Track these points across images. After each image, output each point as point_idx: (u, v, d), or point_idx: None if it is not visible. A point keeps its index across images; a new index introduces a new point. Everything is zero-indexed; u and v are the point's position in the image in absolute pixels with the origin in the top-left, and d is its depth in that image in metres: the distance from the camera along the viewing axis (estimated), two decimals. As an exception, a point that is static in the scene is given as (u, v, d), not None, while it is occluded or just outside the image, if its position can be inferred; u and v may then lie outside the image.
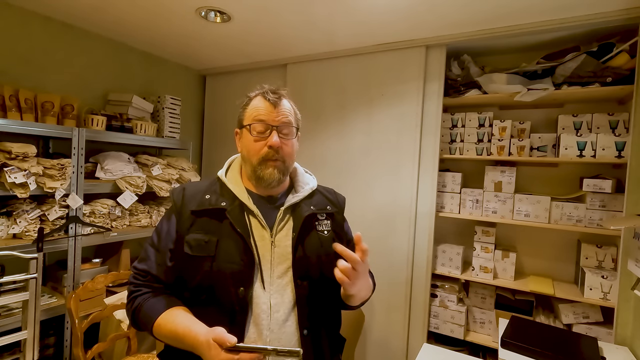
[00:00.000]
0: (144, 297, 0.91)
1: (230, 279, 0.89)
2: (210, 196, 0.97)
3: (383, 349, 2.26)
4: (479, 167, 2.25)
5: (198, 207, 0.95)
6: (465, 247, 2.23)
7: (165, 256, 0.94)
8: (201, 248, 0.91)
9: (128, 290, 0.95)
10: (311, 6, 1.78)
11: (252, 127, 0.96)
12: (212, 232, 0.92)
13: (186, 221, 0.94)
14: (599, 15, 1.70)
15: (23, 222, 1.74)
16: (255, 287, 0.90)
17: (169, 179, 2.34)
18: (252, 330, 0.89)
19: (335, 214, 1.08)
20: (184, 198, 0.98)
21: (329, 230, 1.03)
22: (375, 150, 2.29)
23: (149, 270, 0.93)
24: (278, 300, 0.91)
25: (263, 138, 0.96)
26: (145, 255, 0.96)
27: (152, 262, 0.94)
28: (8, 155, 1.65)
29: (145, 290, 0.92)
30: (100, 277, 1.74)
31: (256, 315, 0.89)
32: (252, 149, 0.96)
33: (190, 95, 3.05)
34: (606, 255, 1.87)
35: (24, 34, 2.01)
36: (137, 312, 0.91)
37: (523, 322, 1.68)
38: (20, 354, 1.57)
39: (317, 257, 0.97)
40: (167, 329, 0.85)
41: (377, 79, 2.29)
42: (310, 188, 1.06)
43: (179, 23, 2.08)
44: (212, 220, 0.94)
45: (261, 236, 0.95)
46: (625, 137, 1.78)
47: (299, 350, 0.73)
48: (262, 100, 0.98)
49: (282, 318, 0.91)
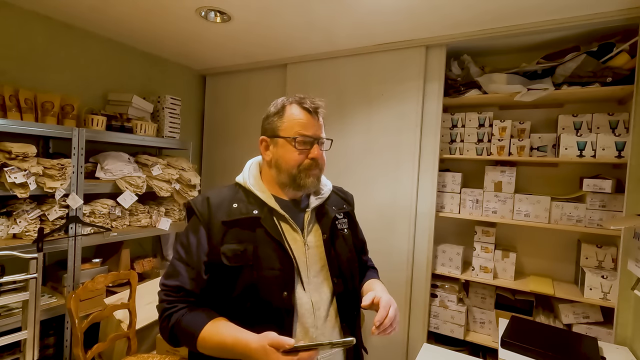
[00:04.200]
0: (180, 312, 0.89)
1: (274, 285, 0.91)
2: (238, 205, 0.97)
3: (383, 349, 2.26)
4: (479, 167, 2.25)
5: (229, 217, 0.94)
6: (465, 247, 2.23)
7: (200, 269, 0.92)
8: (239, 258, 0.91)
9: (160, 308, 0.92)
10: (311, 6, 1.78)
11: (297, 140, 0.97)
12: (246, 241, 0.93)
13: (218, 232, 0.93)
14: (599, 15, 1.70)
15: (23, 222, 1.74)
16: (297, 289, 0.94)
17: (169, 179, 2.34)
18: (298, 329, 0.92)
19: (350, 212, 1.15)
20: (210, 208, 0.96)
21: (347, 228, 1.10)
22: (375, 150, 2.29)
23: (182, 286, 0.91)
24: (317, 298, 0.96)
25: (305, 150, 0.98)
26: (174, 271, 0.93)
27: (184, 277, 0.92)
28: (8, 155, 1.65)
29: (181, 306, 0.90)
30: (100, 277, 1.74)
31: (301, 315, 0.93)
32: (293, 160, 0.98)
33: (190, 95, 3.05)
34: (606, 255, 1.87)
35: (24, 34, 2.01)
36: (176, 329, 0.88)
37: (523, 322, 1.68)
38: (20, 354, 1.57)
39: (345, 255, 1.04)
40: (213, 341, 0.85)
41: (377, 79, 2.29)
42: (328, 190, 1.10)
43: (179, 23, 2.08)
44: (244, 229, 0.94)
45: (294, 239, 0.97)
46: (625, 137, 1.78)
47: (352, 339, 0.77)
48: (302, 111, 0.99)
49: (323, 315, 0.96)
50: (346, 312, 1.00)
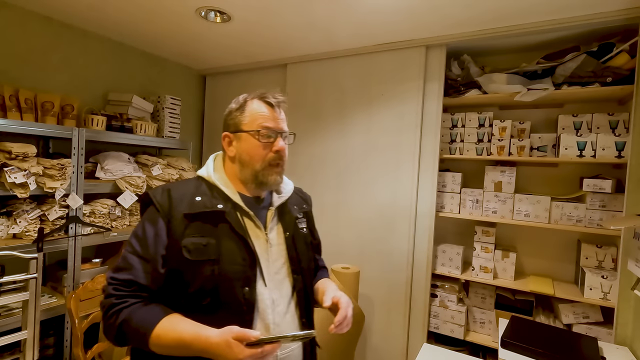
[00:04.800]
0: (131, 308, 0.84)
1: (235, 280, 0.90)
2: (201, 198, 0.95)
3: (383, 349, 2.26)
4: (479, 167, 2.25)
5: (191, 210, 0.92)
6: (465, 247, 2.23)
7: (157, 263, 0.88)
8: (200, 252, 0.89)
9: (106, 303, 0.85)
10: (311, 6, 1.78)
11: (261, 133, 0.97)
12: (208, 235, 0.91)
13: (179, 225, 0.90)
14: (599, 15, 1.70)
15: (23, 222, 1.74)
16: (258, 285, 0.94)
17: (169, 179, 2.34)
18: (259, 325, 0.92)
19: (309, 212, 1.18)
20: (171, 200, 0.93)
21: (306, 227, 1.13)
22: (375, 150, 2.29)
23: (135, 280, 0.86)
24: (277, 295, 0.97)
25: (269, 143, 0.98)
26: (126, 264, 0.88)
27: (138, 271, 0.87)
28: (8, 155, 1.65)
29: (133, 301, 0.85)
30: (100, 277, 1.74)
31: (262, 311, 0.93)
32: (257, 154, 0.97)
33: (190, 95, 3.05)
34: (606, 255, 1.87)
35: (24, 34, 2.01)
36: (125, 325, 0.83)
37: (523, 322, 1.68)
38: (20, 354, 1.57)
39: (305, 252, 1.07)
40: (170, 338, 0.81)
41: (377, 79, 2.29)
42: (290, 189, 1.12)
43: (179, 23, 2.08)
44: (207, 223, 0.93)
45: (256, 236, 0.98)
46: (625, 137, 1.78)
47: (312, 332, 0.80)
48: (264, 105, 1.00)
49: (283, 311, 0.97)
50: (305, 307, 1.02)
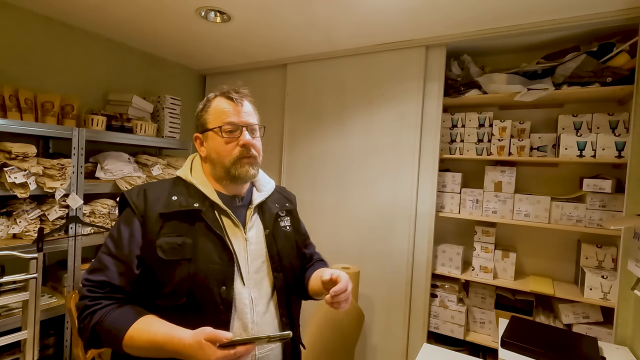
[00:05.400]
0: (105, 310, 0.83)
1: (212, 279, 0.89)
2: (177, 197, 0.94)
3: (383, 349, 2.26)
4: (479, 167, 2.25)
5: (166, 209, 0.91)
6: (465, 247, 2.23)
7: (131, 264, 0.87)
8: (175, 252, 0.88)
9: (79, 305, 0.85)
10: (311, 6, 1.78)
11: (223, 128, 0.96)
12: (184, 234, 0.90)
13: (154, 225, 0.90)
14: (599, 15, 1.70)
15: (23, 222, 1.74)
16: (236, 284, 0.93)
17: (169, 179, 2.34)
18: (237, 325, 0.91)
19: (293, 211, 1.17)
20: (146, 201, 0.92)
21: (289, 225, 1.11)
22: (375, 150, 2.29)
23: (108, 281, 0.85)
24: (257, 294, 0.96)
25: (234, 138, 0.97)
26: (100, 265, 0.87)
27: (112, 272, 0.86)
28: (8, 155, 1.65)
29: (107, 303, 0.84)
30: (100, 277, 1.74)
31: (240, 311, 0.92)
32: (224, 151, 0.96)
33: (190, 95, 3.05)
34: (606, 255, 1.87)
35: (24, 34, 2.01)
36: (98, 328, 0.82)
37: (523, 322, 1.68)
38: (20, 354, 1.57)
39: (286, 250, 1.05)
40: (143, 339, 0.79)
41: (377, 79, 2.29)
42: (271, 187, 1.12)
43: (179, 23, 2.08)
44: (183, 222, 0.92)
45: (235, 234, 0.97)
46: (625, 137, 1.78)
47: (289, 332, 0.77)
48: (226, 101, 0.99)
49: (262, 310, 0.96)
50: (286, 306, 1.01)
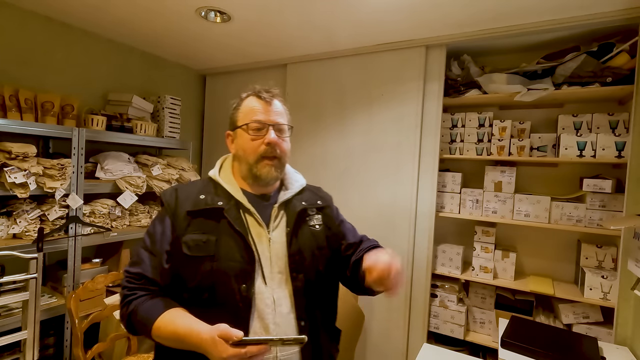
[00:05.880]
0: (139, 300, 0.89)
1: (232, 276, 0.90)
2: (205, 196, 0.97)
3: (383, 349, 2.26)
4: (479, 167, 2.25)
5: (194, 207, 0.95)
6: (465, 247, 2.23)
7: (162, 258, 0.93)
8: (200, 248, 0.91)
9: (121, 294, 0.93)
10: (311, 6, 1.78)
11: (249, 125, 0.99)
12: (209, 232, 0.93)
13: (182, 222, 0.94)
14: (599, 15, 1.70)
15: (23, 222, 1.74)
16: (257, 283, 0.92)
17: (169, 179, 2.34)
18: (257, 325, 0.91)
19: (325, 208, 1.11)
20: (177, 199, 0.98)
21: (320, 224, 1.06)
22: (375, 151, 2.29)
23: (143, 273, 0.92)
24: (280, 294, 0.94)
25: (260, 136, 0.98)
26: (138, 259, 0.94)
27: (146, 265, 0.92)
28: (8, 155, 1.65)
29: (141, 294, 0.91)
30: (100, 277, 1.74)
31: (260, 310, 0.91)
32: (249, 148, 0.99)
33: (190, 95, 3.05)
34: (606, 255, 1.87)
35: (24, 34, 2.01)
36: (133, 316, 0.89)
37: (523, 322, 1.68)
38: (20, 354, 1.57)
39: (310, 250, 1.00)
40: (167, 330, 0.84)
41: (377, 79, 2.29)
42: (300, 185, 1.09)
43: (179, 23, 2.08)
44: (209, 220, 0.95)
45: (258, 233, 0.97)
46: (625, 137, 1.78)
47: (303, 337, 0.75)
48: (256, 100, 1.01)
49: (285, 311, 0.94)
50: (305, 309, 0.96)
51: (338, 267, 1.07)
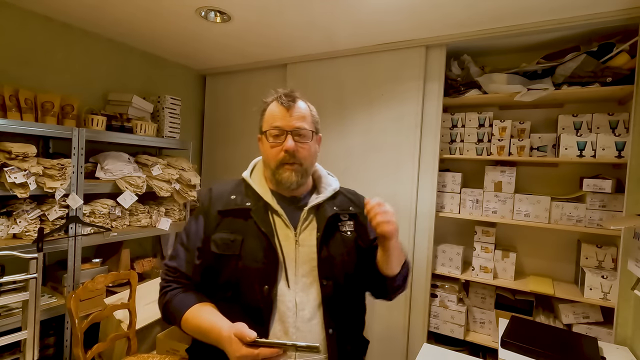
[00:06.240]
0: (173, 292, 0.96)
1: (255, 277, 0.92)
2: (235, 196, 1.01)
3: (383, 349, 2.26)
4: (479, 167, 2.25)
5: (224, 207, 0.99)
6: (465, 247, 2.23)
7: (194, 255, 0.98)
8: (227, 247, 0.95)
9: (160, 285, 1.00)
10: (311, 6, 1.78)
11: (269, 133, 1.00)
12: (237, 231, 0.96)
13: (213, 221, 0.98)
14: (599, 15, 1.70)
15: (23, 222, 1.74)
16: (280, 285, 0.93)
17: (169, 179, 2.34)
18: (277, 327, 0.91)
19: (358, 215, 1.08)
20: (210, 199, 1.02)
21: (352, 230, 1.04)
22: (375, 150, 2.29)
23: (178, 268, 0.98)
24: (303, 298, 0.93)
25: (279, 143, 0.98)
26: (175, 253, 1.01)
27: (181, 260, 0.98)
28: (8, 155, 1.65)
29: (175, 286, 0.97)
30: (100, 277, 1.74)
31: (281, 313, 0.91)
32: (270, 154, 1.00)
33: (190, 95, 3.05)
34: (606, 255, 1.87)
35: (24, 34, 2.01)
36: (167, 306, 0.96)
37: (523, 322, 1.68)
38: (20, 354, 1.57)
39: (341, 257, 0.99)
40: (193, 324, 0.89)
41: (377, 79, 2.29)
42: (332, 189, 1.08)
43: (179, 23, 2.08)
44: (238, 219, 0.98)
45: (285, 235, 0.97)
46: (625, 137, 1.78)
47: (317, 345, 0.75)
48: (277, 105, 1.02)
49: (307, 316, 0.93)
50: (335, 317, 0.95)
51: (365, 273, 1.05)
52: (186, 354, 1.04)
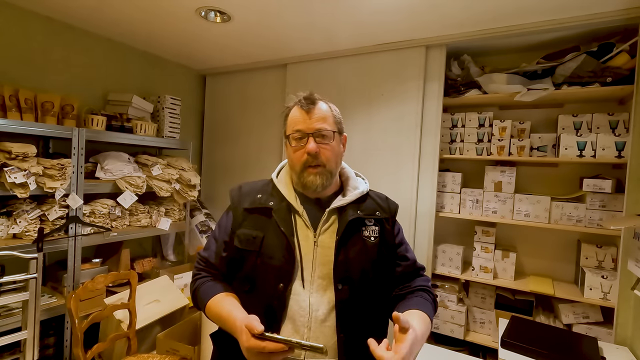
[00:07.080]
0: (201, 280, 1.03)
1: (272, 274, 0.94)
2: (261, 195, 1.04)
3: (383, 349, 2.26)
4: (479, 167, 2.25)
5: (250, 205, 1.03)
6: (465, 247, 2.23)
7: (221, 247, 1.03)
8: (249, 242, 0.98)
9: (192, 273, 1.08)
10: (311, 6, 1.78)
11: (291, 137, 1.01)
12: (259, 229, 0.99)
13: (239, 217, 1.03)
14: (599, 15, 1.70)
15: (23, 222, 1.74)
16: (295, 284, 0.94)
17: (168, 179, 2.34)
18: (288, 325, 0.92)
19: (384, 221, 1.05)
20: (240, 196, 1.07)
21: (376, 236, 1.01)
22: (375, 150, 2.29)
23: (208, 258, 1.05)
24: (318, 299, 0.93)
25: (301, 146, 0.99)
26: (207, 245, 1.08)
27: (211, 251, 1.05)
28: (8, 155, 1.65)
29: (204, 275, 1.04)
30: (100, 277, 1.74)
31: (293, 312, 0.92)
32: (294, 158, 1.01)
33: (190, 95, 3.05)
34: (606, 255, 1.87)
35: (24, 34, 2.01)
36: (195, 293, 1.03)
37: (523, 322, 1.68)
38: (20, 354, 1.57)
39: (359, 262, 0.96)
40: (214, 311, 0.94)
41: (377, 79, 2.29)
42: (359, 193, 1.04)
43: (179, 23, 2.08)
44: (261, 217, 1.01)
45: (305, 236, 0.98)
46: (625, 137, 1.78)
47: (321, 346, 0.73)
48: (297, 109, 1.03)
49: (321, 318, 0.92)
50: (349, 322, 0.92)
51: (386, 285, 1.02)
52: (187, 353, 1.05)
